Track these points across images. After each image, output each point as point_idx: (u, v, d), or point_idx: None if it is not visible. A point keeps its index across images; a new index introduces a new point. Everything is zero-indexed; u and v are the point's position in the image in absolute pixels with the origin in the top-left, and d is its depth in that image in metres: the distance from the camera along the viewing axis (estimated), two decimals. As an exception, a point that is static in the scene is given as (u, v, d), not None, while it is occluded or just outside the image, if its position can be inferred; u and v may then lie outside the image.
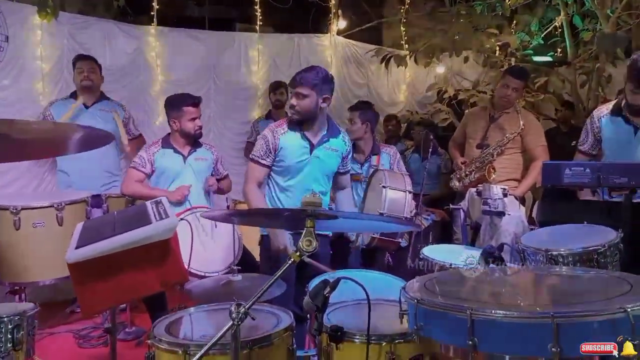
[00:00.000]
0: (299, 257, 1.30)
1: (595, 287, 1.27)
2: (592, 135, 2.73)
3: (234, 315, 1.24)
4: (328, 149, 2.63)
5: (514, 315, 1.11)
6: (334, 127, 2.71)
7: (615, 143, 2.63)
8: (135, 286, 1.97)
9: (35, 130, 1.64)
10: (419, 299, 1.27)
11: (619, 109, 2.64)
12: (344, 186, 2.89)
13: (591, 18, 5.40)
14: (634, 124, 2.57)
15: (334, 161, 2.68)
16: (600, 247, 1.73)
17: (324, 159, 2.63)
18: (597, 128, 2.69)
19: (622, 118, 2.60)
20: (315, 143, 2.60)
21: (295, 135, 2.57)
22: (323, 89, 2.51)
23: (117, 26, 4.68)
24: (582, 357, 1.10)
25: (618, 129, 2.62)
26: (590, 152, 2.77)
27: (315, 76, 2.49)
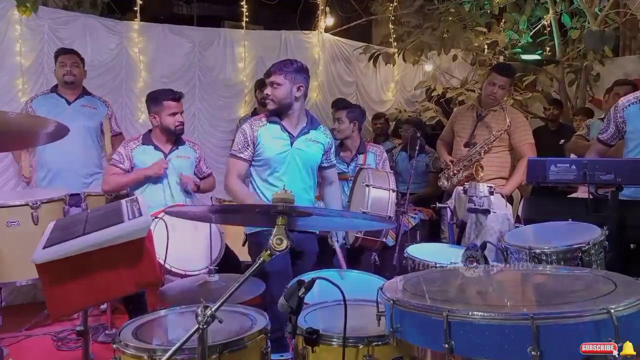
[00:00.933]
0: (269, 256, 1.23)
1: (579, 287, 1.22)
2: (615, 125, 2.56)
3: (200, 318, 1.17)
4: (309, 140, 2.62)
5: (492, 317, 1.05)
6: (314, 119, 2.71)
7: None
8: (108, 287, 1.89)
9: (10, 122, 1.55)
10: (395, 300, 1.21)
11: None
12: (331, 181, 2.85)
13: (579, 16, 5.39)
14: None
15: (316, 153, 2.66)
16: (585, 245, 1.68)
17: (306, 150, 2.61)
18: (621, 118, 2.53)
19: None
20: (296, 134, 2.59)
21: (274, 127, 2.56)
22: (296, 78, 2.53)
23: (99, 21, 4.59)
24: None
25: None
26: (609, 142, 2.63)
27: (288, 65, 2.53)
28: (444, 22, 5.31)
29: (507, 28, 5.67)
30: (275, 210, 1.21)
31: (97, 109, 3.86)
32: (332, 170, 2.82)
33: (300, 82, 2.53)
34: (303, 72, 2.56)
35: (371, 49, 5.51)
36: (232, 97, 5.19)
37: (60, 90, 3.77)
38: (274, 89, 2.51)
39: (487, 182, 3.25)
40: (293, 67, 2.53)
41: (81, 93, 3.82)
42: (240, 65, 5.20)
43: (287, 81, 2.50)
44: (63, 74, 3.69)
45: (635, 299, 1.09)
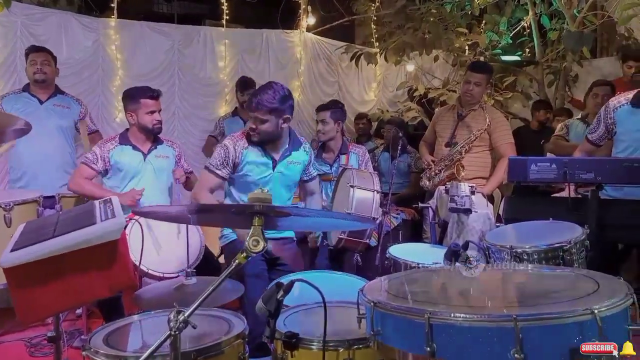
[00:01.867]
0: (244, 258, 1.19)
1: (561, 287, 1.20)
2: (604, 125, 2.56)
3: (172, 324, 1.12)
4: (291, 163, 2.63)
5: (474, 319, 1.03)
6: (295, 139, 2.68)
7: (632, 136, 2.47)
8: (80, 291, 1.82)
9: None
10: (375, 302, 1.18)
11: None
12: (312, 192, 2.88)
13: (558, 18, 5.46)
14: None
15: (296, 174, 2.68)
16: (566, 244, 1.67)
17: (287, 174, 2.63)
18: (611, 119, 2.53)
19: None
20: (278, 159, 2.59)
21: (256, 152, 2.55)
22: (282, 110, 2.45)
23: (75, 18, 4.48)
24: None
25: (637, 121, 2.45)
26: (597, 142, 2.63)
27: (273, 99, 2.42)
28: (425, 22, 5.33)
29: (487, 29, 5.71)
30: (251, 210, 1.16)
31: (71, 108, 3.75)
32: (314, 182, 2.84)
33: (287, 113, 2.47)
34: (288, 100, 2.46)
35: (353, 48, 5.50)
36: (212, 96, 5.12)
37: (32, 90, 3.65)
38: (259, 124, 2.43)
39: (468, 182, 3.26)
40: (277, 99, 2.42)
41: (54, 92, 3.70)
42: (221, 64, 5.13)
43: (273, 116, 2.43)
44: (33, 72, 3.57)
45: (618, 299, 1.08)
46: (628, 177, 2.04)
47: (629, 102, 2.48)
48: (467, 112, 3.55)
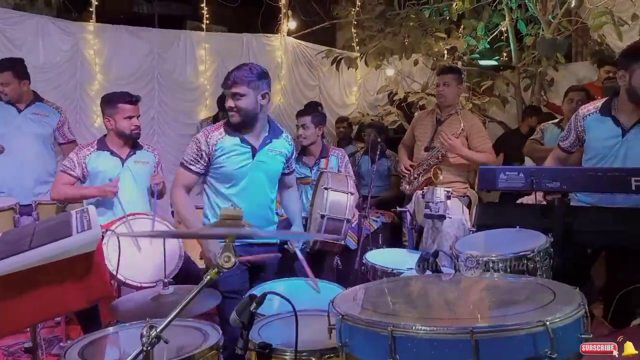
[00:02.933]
0: (216, 274, 1.22)
1: (519, 297, 1.26)
2: (575, 133, 2.59)
3: (145, 339, 1.15)
4: (272, 152, 2.50)
5: (434, 331, 1.08)
6: (276, 127, 2.57)
7: (600, 144, 2.50)
8: (56, 303, 1.83)
9: None
10: (343, 315, 1.22)
11: (608, 109, 2.48)
12: (289, 185, 2.77)
13: (534, 23, 5.58)
14: (622, 125, 2.43)
15: (278, 164, 2.55)
16: (530, 253, 1.74)
17: (269, 163, 2.49)
18: (581, 127, 2.55)
19: (612, 118, 2.46)
20: (258, 146, 2.46)
21: (233, 140, 2.42)
22: (260, 85, 2.37)
23: (52, 22, 4.45)
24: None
25: (605, 129, 2.48)
26: (569, 149, 2.66)
27: (250, 73, 2.35)
28: (404, 27, 5.40)
29: (465, 34, 5.81)
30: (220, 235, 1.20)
31: (49, 116, 3.71)
32: (292, 175, 2.74)
33: (265, 89, 2.39)
34: (265, 78, 2.40)
35: (334, 53, 5.55)
36: (192, 100, 5.13)
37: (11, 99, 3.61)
38: (238, 100, 2.33)
39: (446, 185, 3.34)
40: (255, 73, 2.36)
41: (32, 100, 3.67)
42: (201, 68, 5.14)
43: (251, 90, 2.34)
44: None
45: (571, 310, 1.14)
46: (592, 185, 2.12)
47: (597, 110, 2.52)
48: (445, 117, 3.63)
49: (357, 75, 6.08)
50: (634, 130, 2.41)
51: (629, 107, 2.41)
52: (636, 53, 2.35)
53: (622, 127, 2.43)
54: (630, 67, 2.33)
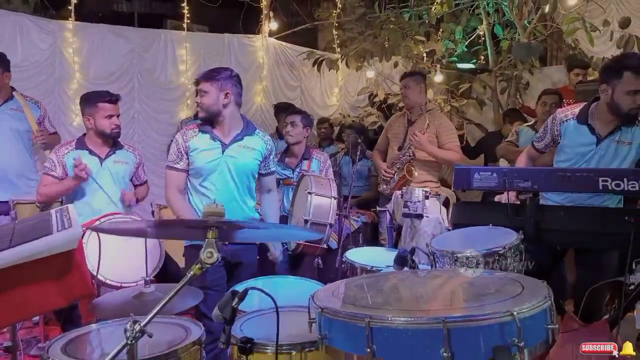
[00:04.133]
0: (199, 270, 1.25)
1: (489, 290, 1.32)
2: (551, 136, 2.68)
3: (129, 333, 1.17)
4: (243, 147, 2.60)
5: (409, 322, 1.13)
6: (250, 125, 2.69)
7: (574, 150, 2.59)
8: (36, 302, 1.83)
9: None
10: (323, 308, 1.27)
11: (586, 117, 2.56)
12: (268, 189, 2.84)
13: (510, 28, 5.72)
14: (597, 134, 2.52)
15: (251, 160, 2.64)
16: (501, 249, 1.81)
17: (239, 158, 2.59)
18: (558, 131, 2.64)
19: (588, 127, 2.54)
20: (228, 142, 2.58)
21: (204, 136, 2.56)
22: (223, 85, 2.53)
23: (30, 20, 4.40)
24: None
25: (580, 137, 2.56)
26: (542, 150, 2.76)
27: (216, 73, 2.55)
28: (385, 30, 5.48)
29: (444, 37, 5.92)
30: (205, 225, 1.23)
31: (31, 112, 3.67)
32: (270, 177, 2.80)
33: (228, 89, 2.53)
34: (231, 79, 2.56)
35: (315, 54, 5.59)
36: (173, 100, 5.12)
37: None
38: (202, 96, 2.53)
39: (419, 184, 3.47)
40: (221, 74, 2.54)
41: (10, 96, 3.62)
42: (182, 68, 5.13)
43: (214, 88, 2.50)
44: None
45: (537, 301, 1.20)
46: (561, 185, 2.21)
47: (575, 117, 2.60)
48: (415, 118, 3.80)
49: (338, 76, 6.14)
50: (607, 140, 2.50)
51: (607, 118, 2.49)
52: (616, 68, 2.43)
53: (597, 136, 2.52)
54: (612, 81, 2.41)
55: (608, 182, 2.11)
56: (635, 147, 2.47)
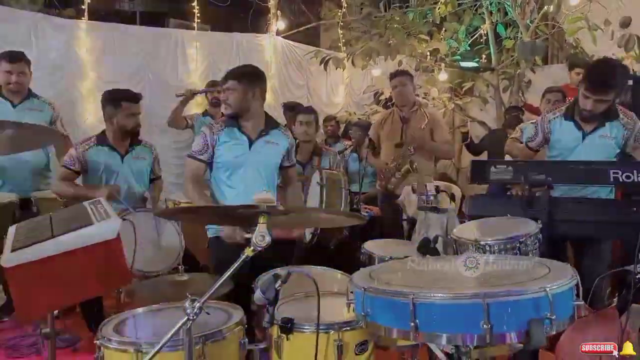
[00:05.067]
0: (252, 252, 1.34)
1: (519, 271, 1.42)
2: (542, 134, 2.83)
3: (189, 310, 1.26)
4: (268, 142, 2.67)
5: (451, 297, 1.23)
6: (272, 120, 2.76)
7: (563, 146, 2.75)
8: (77, 289, 1.91)
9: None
10: (366, 288, 1.36)
11: (571, 114, 2.73)
12: (291, 180, 2.91)
13: (513, 27, 5.83)
14: (583, 130, 2.67)
15: (276, 155, 2.72)
16: (523, 237, 1.92)
17: (265, 153, 2.66)
18: (547, 129, 2.81)
19: (574, 123, 2.70)
20: (254, 137, 2.65)
21: (231, 131, 2.62)
22: (251, 82, 2.59)
23: (45, 19, 4.46)
24: (510, 333, 1.23)
25: (567, 133, 2.73)
26: (536, 148, 2.92)
27: (243, 70, 2.64)
28: (389, 29, 5.58)
29: (447, 37, 6.03)
30: (258, 210, 1.32)
31: (43, 111, 3.74)
32: (293, 169, 2.88)
33: (256, 86, 2.60)
34: (258, 76, 2.64)
35: (322, 53, 5.69)
36: (183, 98, 5.17)
37: (4, 93, 3.62)
38: (230, 94, 2.58)
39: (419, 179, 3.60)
40: (247, 71, 2.62)
41: (27, 95, 3.69)
42: (192, 67, 5.20)
43: (242, 86, 2.56)
44: (8, 82, 3.52)
45: (566, 280, 1.31)
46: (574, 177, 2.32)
47: (562, 114, 2.79)
48: (409, 114, 3.92)
49: (344, 75, 6.23)
50: (593, 135, 2.68)
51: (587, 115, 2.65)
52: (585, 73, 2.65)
53: (583, 131, 2.70)
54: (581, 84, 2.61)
55: (619, 174, 2.23)
56: (616, 142, 2.66)
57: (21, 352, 3.20)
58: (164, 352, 1.42)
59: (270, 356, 1.74)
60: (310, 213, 1.71)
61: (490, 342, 1.21)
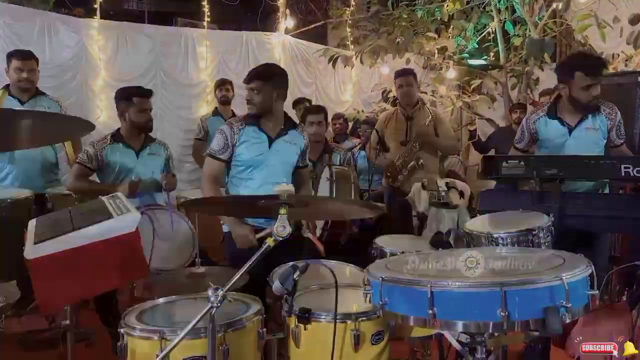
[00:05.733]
0: (274, 241, 1.38)
1: (535, 262, 1.45)
2: (529, 134, 2.91)
3: (212, 298, 1.30)
4: (287, 142, 2.70)
5: (468, 285, 1.26)
6: (290, 120, 2.78)
7: (551, 143, 2.83)
8: (97, 281, 1.96)
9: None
10: (383, 277, 1.40)
11: (554, 111, 2.82)
12: (304, 180, 2.95)
13: (521, 24, 5.83)
14: (567, 125, 2.77)
15: (293, 154, 2.75)
16: (535, 230, 1.94)
17: (283, 152, 2.69)
18: (533, 129, 2.90)
19: (558, 120, 2.79)
20: (274, 136, 2.67)
21: (252, 130, 2.63)
22: (275, 83, 2.61)
23: (58, 19, 4.52)
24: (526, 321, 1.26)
25: (553, 130, 2.82)
26: (525, 149, 2.98)
27: (268, 70, 2.65)
28: (397, 27, 5.60)
29: (455, 34, 6.04)
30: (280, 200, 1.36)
31: (51, 109, 3.78)
32: (306, 170, 2.92)
33: (280, 87, 2.63)
34: (283, 76, 2.67)
35: (330, 51, 5.72)
36: (193, 96, 5.24)
37: (13, 91, 3.66)
38: (255, 94, 2.58)
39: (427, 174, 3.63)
40: (273, 71, 2.64)
41: (35, 93, 3.73)
42: (202, 65, 5.25)
43: (268, 87, 2.57)
44: (18, 79, 3.56)
45: (581, 269, 1.34)
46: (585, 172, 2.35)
47: (545, 113, 2.86)
48: (412, 112, 3.99)
49: (352, 73, 6.26)
50: (578, 128, 2.76)
51: (572, 110, 2.76)
52: (568, 69, 2.72)
53: (568, 126, 2.78)
54: (567, 81, 2.70)
55: (630, 169, 2.24)
56: (601, 133, 2.76)
57: (36, 345, 3.26)
58: (188, 339, 1.46)
59: (287, 346, 1.77)
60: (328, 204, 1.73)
61: (507, 329, 1.24)
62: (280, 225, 1.36)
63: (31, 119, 1.53)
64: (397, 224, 4.37)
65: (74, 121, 1.65)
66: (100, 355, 2.99)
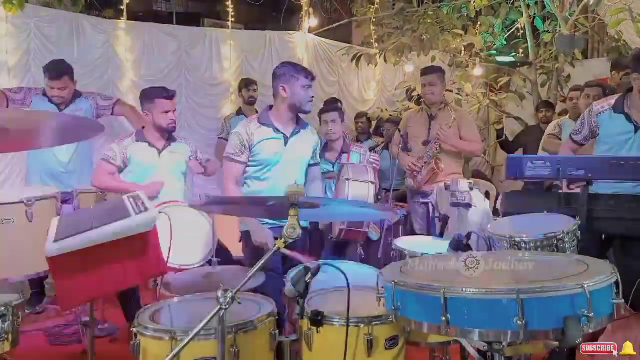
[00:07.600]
0: (284, 244, 1.36)
1: (556, 268, 1.39)
2: (589, 128, 2.75)
3: (222, 300, 1.29)
4: (300, 141, 2.72)
5: (484, 292, 1.21)
6: (301, 120, 2.81)
7: (614, 139, 2.65)
8: (116, 279, 1.98)
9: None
10: (396, 282, 1.36)
11: (622, 106, 2.62)
12: (314, 177, 2.95)
13: (551, 20, 5.66)
14: (634, 122, 2.57)
15: (307, 153, 2.77)
16: (560, 234, 1.86)
17: (298, 150, 2.72)
18: (595, 123, 2.72)
19: (624, 115, 2.60)
20: (289, 135, 2.70)
21: (268, 129, 2.65)
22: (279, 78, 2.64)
23: (86, 20, 4.62)
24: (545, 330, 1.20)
25: (618, 125, 2.62)
26: (581, 142, 2.83)
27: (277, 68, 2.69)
28: (423, 24, 5.51)
29: (482, 31, 5.91)
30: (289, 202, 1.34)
31: (84, 110, 3.87)
32: (317, 167, 2.93)
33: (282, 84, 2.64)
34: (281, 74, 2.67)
35: (354, 50, 5.67)
36: (217, 96, 5.28)
37: None
38: None
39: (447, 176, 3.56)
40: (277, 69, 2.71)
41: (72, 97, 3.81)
42: (226, 65, 5.29)
43: None
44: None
45: (605, 277, 1.27)
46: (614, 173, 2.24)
47: (611, 107, 2.66)
48: (436, 112, 3.89)
49: (376, 71, 6.20)
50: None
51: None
52: None
53: (635, 124, 2.57)
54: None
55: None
56: None
57: (63, 340, 3.34)
58: (199, 340, 1.46)
59: (300, 348, 1.75)
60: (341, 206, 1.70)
61: (524, 338, 1.19)
62: (289, 227, 1.34)
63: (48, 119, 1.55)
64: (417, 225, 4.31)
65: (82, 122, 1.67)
66: (123, 349, 3.02)
